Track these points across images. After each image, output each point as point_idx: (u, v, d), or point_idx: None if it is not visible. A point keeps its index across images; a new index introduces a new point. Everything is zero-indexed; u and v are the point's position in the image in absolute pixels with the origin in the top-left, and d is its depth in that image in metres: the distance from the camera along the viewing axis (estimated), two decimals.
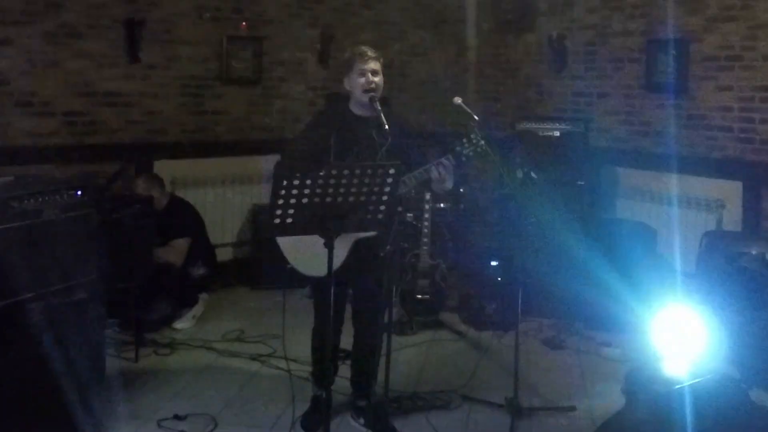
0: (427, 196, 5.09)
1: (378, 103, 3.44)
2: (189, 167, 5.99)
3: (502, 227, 6.00)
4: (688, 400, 3.25)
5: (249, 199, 6.27)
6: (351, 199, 2.93)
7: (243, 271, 6.14)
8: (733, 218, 5.21)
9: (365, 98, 3.48)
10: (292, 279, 3.56)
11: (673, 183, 5.58)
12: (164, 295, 5.17)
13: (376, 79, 3.50)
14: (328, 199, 2.90)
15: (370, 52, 3.53)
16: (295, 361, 4.12)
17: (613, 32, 5.99)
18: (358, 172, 2.90)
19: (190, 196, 5.77)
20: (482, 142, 3.47)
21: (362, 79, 3.48)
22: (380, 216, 3.03)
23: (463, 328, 5.30)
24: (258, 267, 5.96)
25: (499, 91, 6.94)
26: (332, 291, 3.07)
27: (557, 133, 5.56)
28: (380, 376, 3.66)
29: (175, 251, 5.24)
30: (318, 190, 2.86)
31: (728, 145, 5.28)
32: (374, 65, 3.50)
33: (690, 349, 4.28)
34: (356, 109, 3.59)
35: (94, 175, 5.43)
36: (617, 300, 5.15)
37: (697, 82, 5.44)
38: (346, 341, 3.86)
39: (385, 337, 3.57)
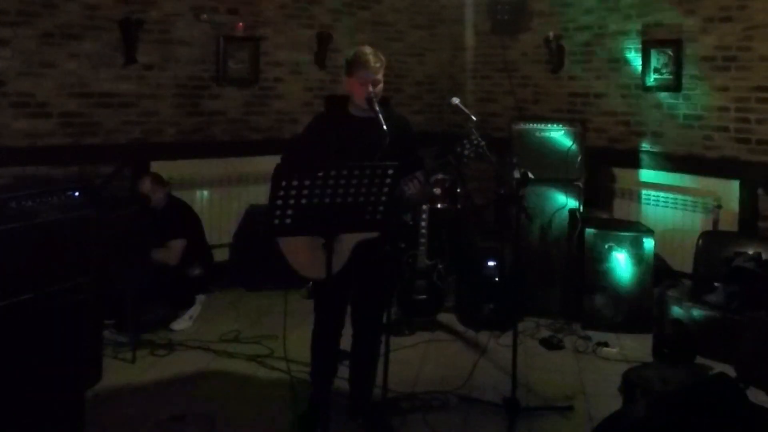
0: None
1: (377, 105, 3.44)
2: (186, 168, 5.98)
3: (500, 227, 6.01)
4: (685, 401, 3.25)
5: (245, 199, 6.26)
6: (350, 199, 2.93)
7: (240, 272, 6.13)
8: (729, 218, 5.22)
9: (364, 101, 3.48)
10: (291, 280, 3.56)
11: (670, 183, 5.60)
12: (161, 296, 5.17)
13: (377, 88, 3.49)
14: (327, 200, 2.90)
15: (374, 61, 3.48)
16: (293, 361, 4.13)
17: (610, 33, 6.01)
18: (356, 172, 2.90)
19: (186, 196, 5.76)
20: (483, 143, 3.48)
21: (363, 88, 3.47)
22: (379, 216, 3.04)
23: (460, 328, 5.30)
24: (255, 268, 5.96)
25: (497, 92, 6.95)
26: (332, 292, 3.07)
27: (554, 134, 5.56)
28: (378, 376, 3.66)
29: (172, 252, 5.23)
30: (317, 191, 2.87)
31: (725, 146, 5.30)
32: (376, 75, 3.48)
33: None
34: (355, 111, 3.59)
35: (90, 176, 5.43)
36: (613, 300, 5.17)
37: (694, 82, 5.46)
38: (345, 342, 3.85)
39: (383, 337, 3.58)
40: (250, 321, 5.30)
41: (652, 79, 5.68)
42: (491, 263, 5.30)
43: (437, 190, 5.58)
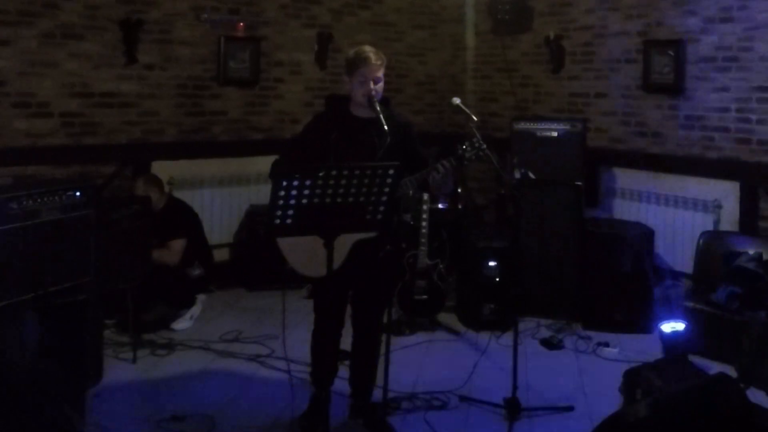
0: (425, 196, 5.10)
1: (377, 104, 3.44)
2: (186, 168, 5.98)
3: (500, 227, 6.01)
4: (686, 401, 3.25)
5: (246, 199, 6.26)
6: (350, 199, 2.94)
7: (240, 272, 6.13)
8: (730, 218, 5.22)
9: (365, 100, 3.48)
10: (290, 280, 3.57)
11: (671, 183, 5.60)
12: (161, 295, 5.17)
13: (378, 86, 3.49)
14: (328, 200, 2.90)
15: (374, 59, 3.48)
16: (293, 361, 4.13)
17: (611, 33, 6.01)
18: (357, 172, 2.90)
19: (187, 196, 5.76)
20: (484, 146, 3.47)
21: (363, 87, 3.47)
22: (379, 216, 3.04)
23: (461, 328, 5.30)
24: (255, 268, 5.96)
25: (497, 92, 6.95)
26: (332, 292, 3.07)
27: (555, 134, 5.56)
28: (379, 376, 3.66)
29: (172, 252, 5.24)
30: (317, 191, 2.87)
31: (725, 146, 5.30)
32: (377, 73, 3.49)
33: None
34: (356, 111, 3.59)
35: (91, 175, 5.43)
36: (615, 300, 5.17)
37: (694, 82, 5.45)
38: (345, 342, 3.85)
39: (384, 337, 3.58)
40: (250, 321, 5.30)
41: (652, 79, 5.67)
42: (492, 263, 5.30)
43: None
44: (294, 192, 2.84)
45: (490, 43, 6.96)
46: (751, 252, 4.76)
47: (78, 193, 3.74)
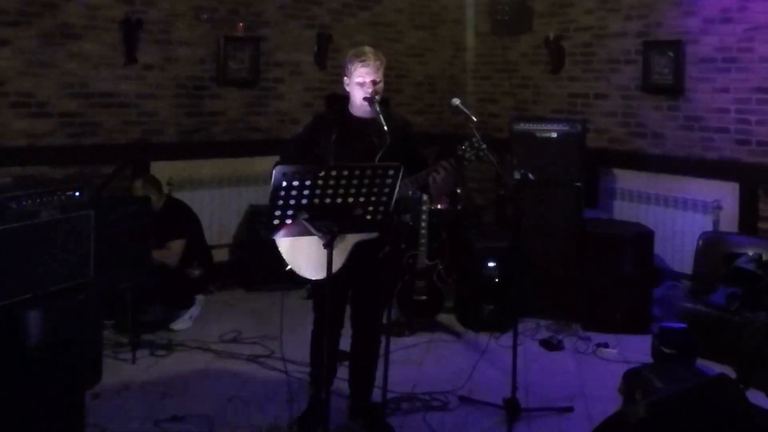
0: (425, 196, 5.10)
1: (377, 105, 3.44)
2: (186, 168, 5.98)
3: (500, 228, 6.01)
4: (685, 402, 3.25)
5: (245, 200, 6.26)
6: (350, 200, 2.93)
7: (239, 273, 6.13)
8: (729, 219, 5.22)
9: (364, 101, 3.48)
10: (290, 280, 3.57)
11: (670, 184, 5.60)
12: (161, 296, 5.17)
13: (378, 86, 3.48)
14: (327, 200, 2.90)
15: (373, 59, 3.48)
16: (292, 362, 4.13)
17: (610, 34, 6.01)
18: (357, 173, 2.90)
19: (186, 197, 5.75)
20: (484, 146, 3.47)
21: (363, 87, 3.47)
22: (379, 217, 3.04)
23: (460, 329, 5.30)
24: (254, 268, 5.96)
25: (497, 92, 6.95)
26: (331, 292, 3.07)
27: (554, 134, 5.56)
28: (378, 377, 3.66)
29: (172, 253, 5.23)
30: (317, 191, 2.87)
31: (725, 147, 5.30)
32: (377, 73, 3.48)
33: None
34: (356, 111, 3.58)
35: (90, 176, 5.43)
36: (614, 301, 5.17)
37: (694, 83, 5.46)
38: (345, 342, 3.85)
39: (383, 338, 3.58)
40: (249, 321, 5.30)
41: (652, 80, 5.68)
42: (491, 264, 5.30)
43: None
44: (294, 192, 2.84)
45: (490, 44, 6.97)
46: (751, 253, 4.76)
47: (77, 194, 3.74)
